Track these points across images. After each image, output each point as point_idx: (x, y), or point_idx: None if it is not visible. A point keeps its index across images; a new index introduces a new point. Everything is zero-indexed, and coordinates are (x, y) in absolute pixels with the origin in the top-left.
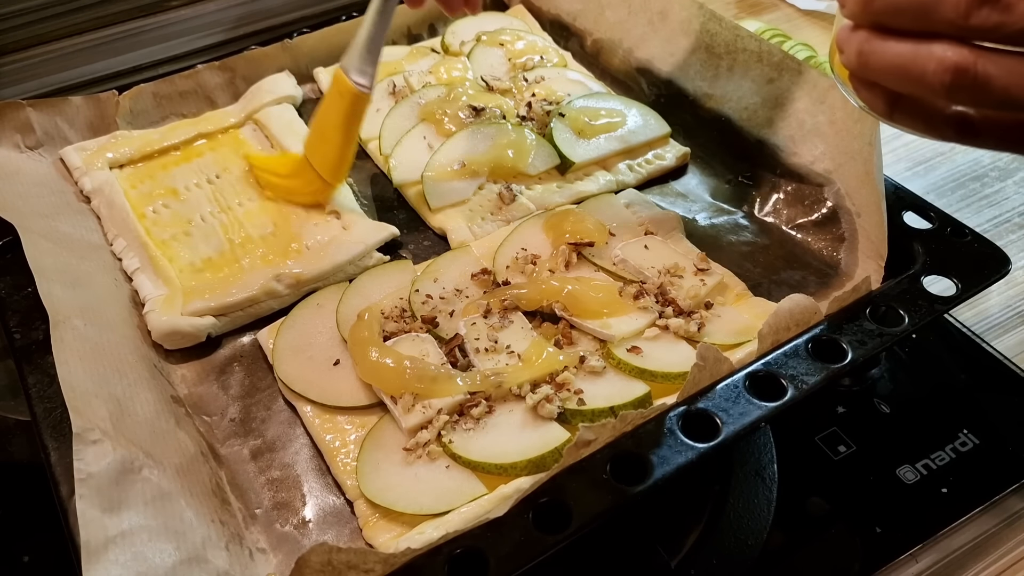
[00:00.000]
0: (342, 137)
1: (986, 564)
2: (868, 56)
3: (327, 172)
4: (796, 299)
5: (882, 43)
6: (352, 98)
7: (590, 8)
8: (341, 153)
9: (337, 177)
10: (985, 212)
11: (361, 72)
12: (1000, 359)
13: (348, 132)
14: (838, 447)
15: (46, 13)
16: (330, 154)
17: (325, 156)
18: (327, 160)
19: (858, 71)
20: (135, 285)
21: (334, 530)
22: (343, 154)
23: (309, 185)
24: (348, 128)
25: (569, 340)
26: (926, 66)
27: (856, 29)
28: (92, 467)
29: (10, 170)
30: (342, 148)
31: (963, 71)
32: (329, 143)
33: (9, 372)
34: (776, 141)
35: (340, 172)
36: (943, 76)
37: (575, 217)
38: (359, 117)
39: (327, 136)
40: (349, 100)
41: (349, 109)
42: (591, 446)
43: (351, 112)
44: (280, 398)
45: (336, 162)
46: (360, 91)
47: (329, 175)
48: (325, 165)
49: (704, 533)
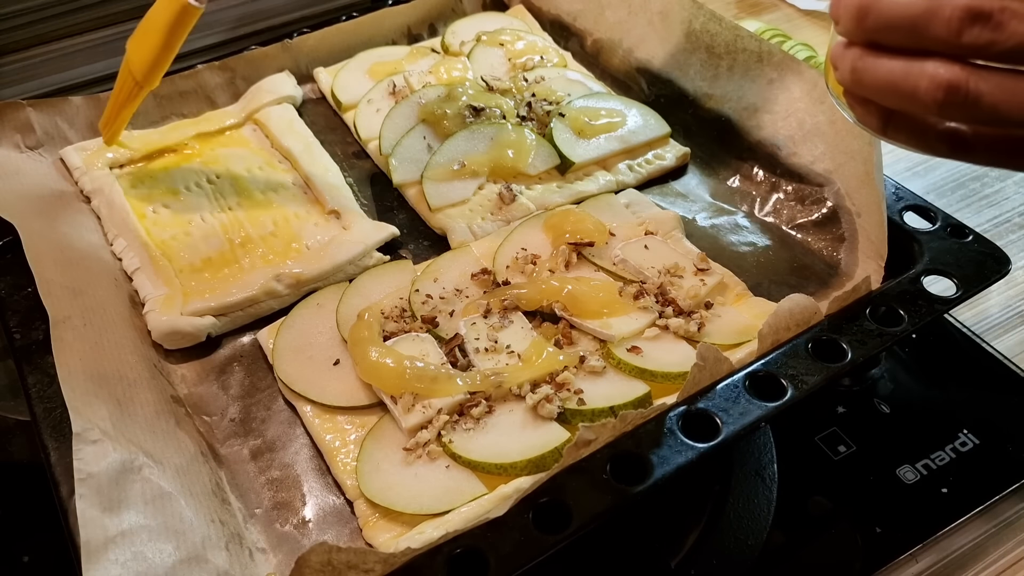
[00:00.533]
0: (162, 42)
1: (986, 564)
2: (861, 73)
3: (140, 71)
4: (796, 299)
5: (875, 60)
6: (180, 8)
7: (590, 8)
8: (156, 56)
9: (147, 79)
10: (985, 212)
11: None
12: (1000, 359)
13: (169, 39)
14: (838, 447)
15: (46, 13)
16: (147, 55)
17: (142, 56)
18: (143, 60)
19: (852, 87)
20: (135, 285)
21: (334, 530)
22: (160, 59)
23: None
24: (170, 35)
25: (569, 340)
26: (918, 83)
27: (850, 46)
28: (92, 467)
29: (10, 170)
30: (159, 53)
31: (955, 88)
32: (149, 46)
33: (9, 372)
34: (776, 141)
35: (152, 75)
36: (935, 93)
37: (575, 217)
38: (184, 28)
39: (148, 38)
40: (176, 8)
41: (175, 18)
42: (591, 446)
43: (176, 20)
44: (280, 398)
45: (149, 63)
46: (191, 4)
47: (141, 74)
48: (141, 64)
49: (704, 533)
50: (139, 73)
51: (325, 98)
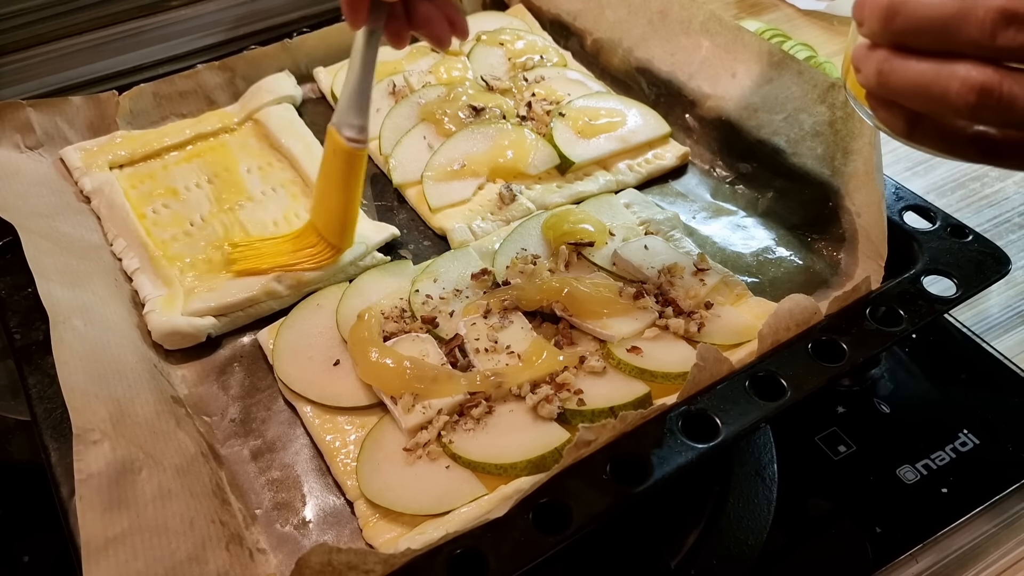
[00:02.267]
0: (343, 196)
1: (986, 564)
2: (888, 75)
3: (333, 236)
4: (796, 299)
5: (903, 62)
6: (346, 156)
7: (590, 8)
8: (343, 214)
9: (344, 240)
10: (985, 212)
11: (351, 127)
12: (1000, 359)
13: (348, 191)
14: (838, 447)
15: (46, 13)
16: (334, 216)
17: (329, 219)
18: (331, 223)
19: (877, 90)
20: (135, 285)
21: (334, 530)
22: (347, 214)
23: (317, 251)
24: (347, 187)
25: (569, 340)
26: (949, 86)
27: (875, 48)
28: (92, 467)
29: (10, 170)
30: (345, 208)
31: (988, 91)
32: (332, 205)
33: (9, 372)
34: (776, 141)
35: (347, 234)
36: (968, 96)
37: (575, 217)
38: (358, 174)
39: (329, 198)
40: (343, 159)
41: (345, 167)
42: (591, 446)
43: (347, 170)
44: (280, 398)
45: (341, 223)
46: (353, 148)
47: (336, 239)
48: (330, 228)
49: (704, 533)
50: (334, 238)
51: (325, 98)
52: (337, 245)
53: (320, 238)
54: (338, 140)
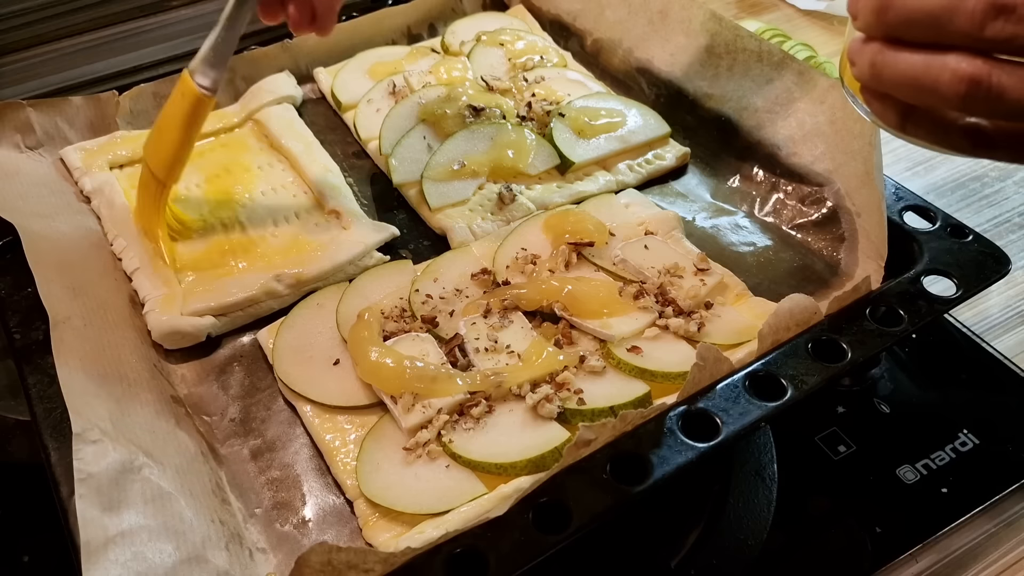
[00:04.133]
0: (178, 137)
1: (986, 564)
2: (881, 68)
3: (160, 170)
4: (796, 299)
5: (895, 55)
6: (193, 99)
7: (590, 8)
8: (175, 152)
9: (170, 176)
10: (985, 212)
11: (204, 74)
12: (1000, 359)
13: (185, 133)
14: (838, 447)
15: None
16: (165, 152)
17: (160, 154)
18: (161, 158)
19: (871, 83)
20: (135, 285)
21: (334, 530)
22: (178, 154)
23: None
24: (185, 129)
25: (569, 340)
26: (940, 77)
27: (868, 41)
28: (92, 467)
29: (10, 170)
30: (177, 147)
31: (978, 82)
32: (167, 141)
33: (9, 372)
34: (776, 141)
35: (173, 172)
36: (958, 87)
37: (575, 217)
38: (198, 121)
39: (164, 136)
40: (191, 102)
41: (189, 110)
42: (591, 446)
43: (191, 114)
44: (280, 398)
45: (170, 160)
46: (202, 94)
47: (162, 173)
48: (159, 163)
49: (704, 533)
50: (160, 171)
51: (325, 98)
52: (162, 180)
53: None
54: (190, 84)
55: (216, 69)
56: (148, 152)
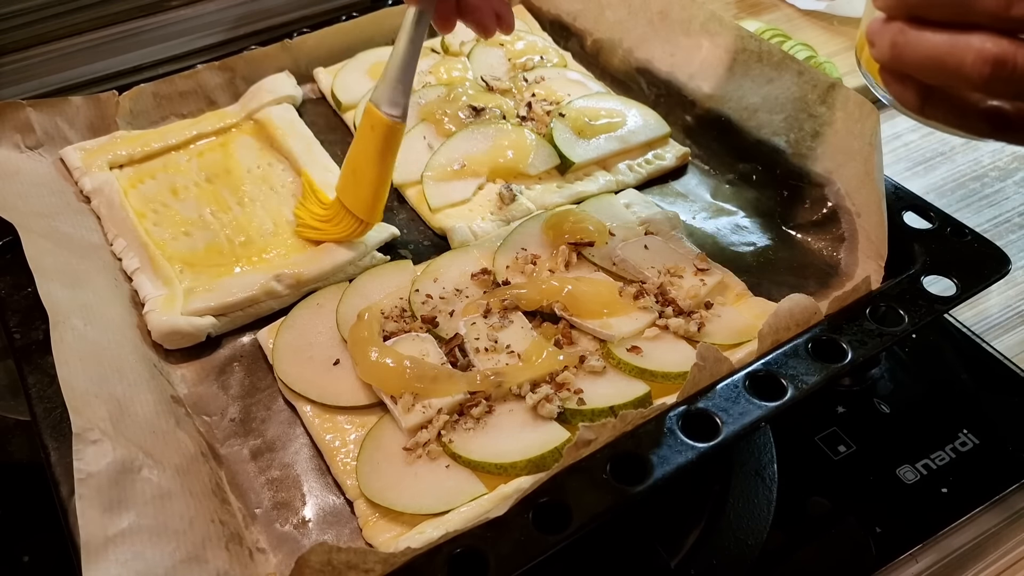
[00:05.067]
0: (376, 172)
1: (986, 564)
2: (903, 48)
3: (362, 210)
4: (796, 299)
5: (917, 34)
6: (385, 130)
7: (590, 8)
8: (375, 189)
9: (373, 215)
10: (985, 212)
11: (392, 103)
12: (1000, 359)
13: (382, 166)
14: (838, 447)
15: (46, 13)
16: (364, 191)
17: (359, 194)
18: (361, 198)
19: (891, 63)
20: (135, 285)
21: (334, 530)
22: (378, 190)
23: (344, 226)
24: (382, 162)
25: (569, 340)
26: (964, 57)
27: (889, 21)
28: (92, 467)
29: (10, 170)
30: (376, 184)
31: (1003, 63)
32: (363, 179)
33: (9, 372)
34: (776, 141)
35: (375, 210)
36: (982, 68)
37: (575, 217)
38: (393, 150)
39: (360, 172)
40: (382, 133)
41: (382, 142)
42: (591, 446)
43: (384, 145)
44: (280, 398)
45: (371, 199)
46: (393, 122)
47: (364, 213)
48: (359, 203)
49: (704, 533)
50: (363, 212)
51: (325, 98)
52: (366, 220)
53: (347, 213)
54: (378, 115)
55: (402, 95)
56: (344, 194)
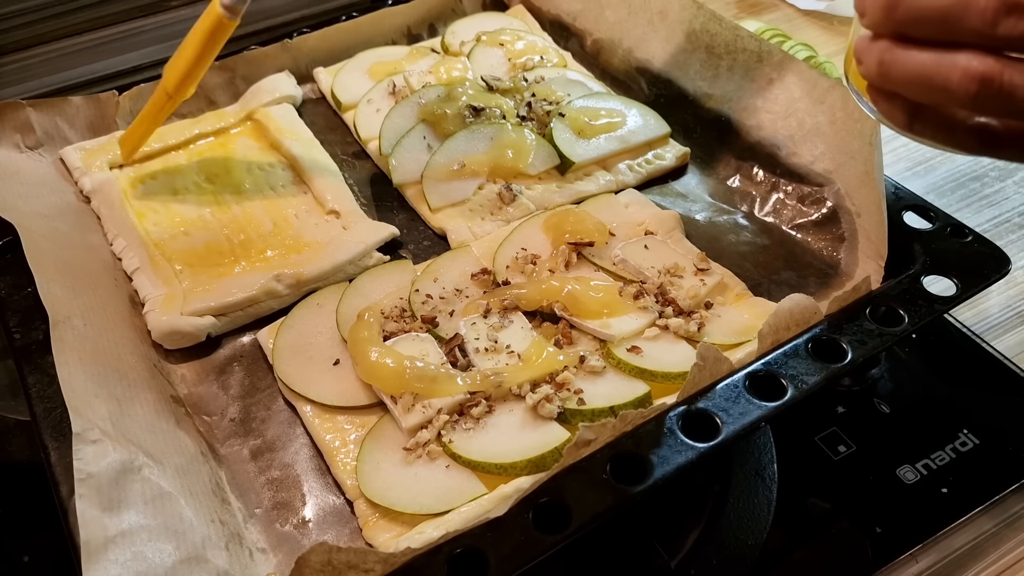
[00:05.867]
0: (195, 53)
1: (986, 564)
2: (890, 66)
3: (170, 83)
4: (796, 299)
5: (904, 52)
6: (214, 19)
7: (590, 8)
8: (188, 67)
9: (179, 90)
10: (985, 212)
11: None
12: (1000, 359)
13: (202, 50)
14: (838, 447)
15: (46, 13)
16: (178, 66)
17: (175, 69)
18: (173, 72)
19: (878, 81)
20: (135, 285)
21: (334, 530)
22: (190, 69)
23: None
24: (203, 47)
25: (569, 340)
26: (950, 75)
27: (876, 39)
28: (92, 467)
29: (10, 170)
30: (190, 63)
31: (989, 81)
32: (182, 58)
33: (9, 372)
34: (776, 141)
35: (183, 86)
36: (969, 86)
37: (575, 217)
38: (217, 40)
39: (182, 53)
40: (211, 20)
41: (208, 29)
42: (591, 446)
43: (210, 32)
44: (280, 398)
45: (180, 74)
46: (222, 14)
47: (170, 85)
48: (173, 77)
49: (704, 533)
50: (171, 85)
51: (325, 98)
52: (171, 93)
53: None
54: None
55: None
56: (166, 72)
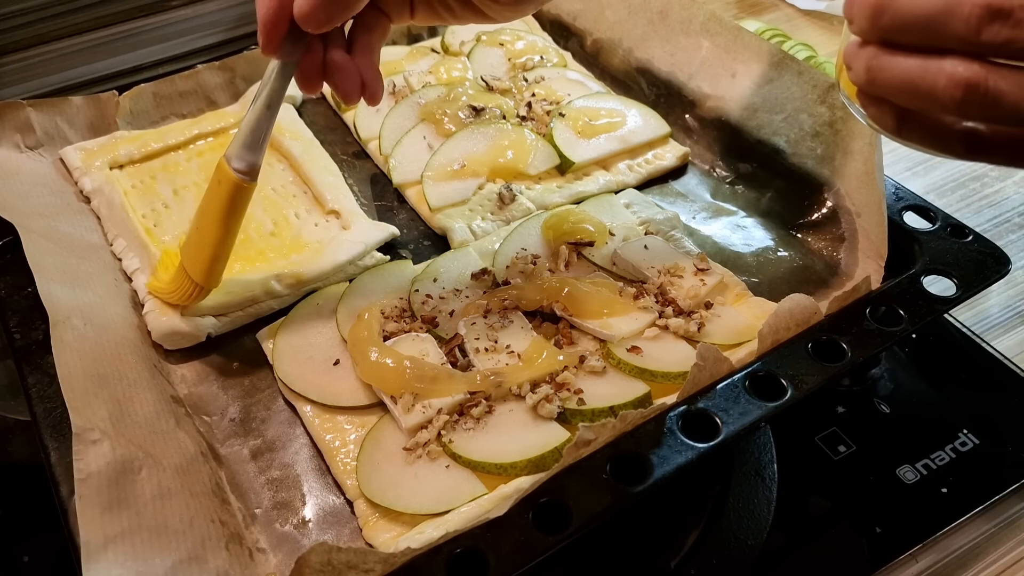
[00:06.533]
0: (216, 233)
1: (986, 564)
2: (877, 72)
3: (198, 273)
4: (796, 299)
5: (891, 59)
6: (231, 188)
7: (590, 8)
8: (214, 251)
9: (210, 280)
10: (985, 212)
11: (240, 158)
12: (1000, 359)
13: (224, 227)
14: (838, 447)
15: (46, 13)
16: (203, 252)
17: (198, 254)
18: (199, 259)
19: (867, 87)
20: (135, 285)
21: (334, 530)
22: (217, 253)
23: (183, 292)
24: (224, 222)
25: (569, 340)
26: (936, 81)
27: (864, 45)
28: (92, 467)
29: (10, 170)
30: (216, 246)
31: (974, 87)
32: (203, 240)
33: (9, 372)
34: (776, 141)
35: (213, 273)
36: (954, 92)
37: (575, 217)
38: (239, 210)
39: (202, 231)
40: (228, 190)
41: (227, 201)
42: (591, 446)
43: (229, 204)
44: (280, 398)
45: (208, 261)
46: (239, 179)
47: (200, 277)
48: (196, 265)
49: (704, 533)
50: (199, 275)
51: (325, 98)
52: (199, 283)
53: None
54: (227, 171)
55: (254, 154)
56: (184, 253)
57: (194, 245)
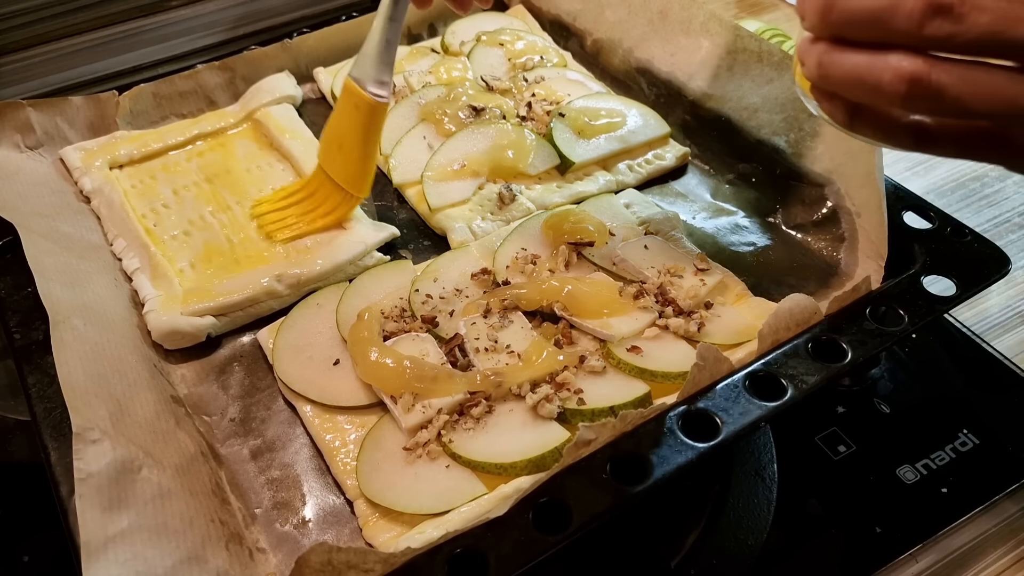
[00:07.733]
0: (363, 149)
1: (986, 564)
2: (827, 67)
3: (350, 183)
4: (796, 299)
5: (840, 54)
6: (369, 109)
7: (590, 8)
8: (364, 164)
9: (362, 188)
10: (985, 212)
11: (377, 82)
12: (1000, 359)
13: (369, 144)
14: (838, 447)
15: (46, 13)
16: (352, 166)
17: (347, 168)
18: (349, 171)
19: (818, 82)
20: (135, 285)
21: (334, 530)
22: (366, 164)
23: (332, 202)
24: (368, 139)
25: (569, 340)
26: (882, 76)
27: (816, 41)
28: (92, 467)
29: (10, 170)
30: (364, 159)
31: (918, 80)
32: (350, 155)
33: (9, 372)
34: (776, 141)
35: (364, 183)
36: (899, 86)
37: (575, 217)
38: (379, 127)
39: (347, 148)
40: (367, 112)
41: (368, 120)
42: (591, 446)
43: (370, 124)
44: (280, 398)
45: (359, 172)
46: (377, 102)
47: (353, 186)
48: (348, 177)
49: (704, 533)
50: (352, 186)
51: (325, 98)
52: (356, 194)
53: (335, 188)
54: (362, 95)
55: (386, 73)
56: (332, 168)
57: (340, 160)
